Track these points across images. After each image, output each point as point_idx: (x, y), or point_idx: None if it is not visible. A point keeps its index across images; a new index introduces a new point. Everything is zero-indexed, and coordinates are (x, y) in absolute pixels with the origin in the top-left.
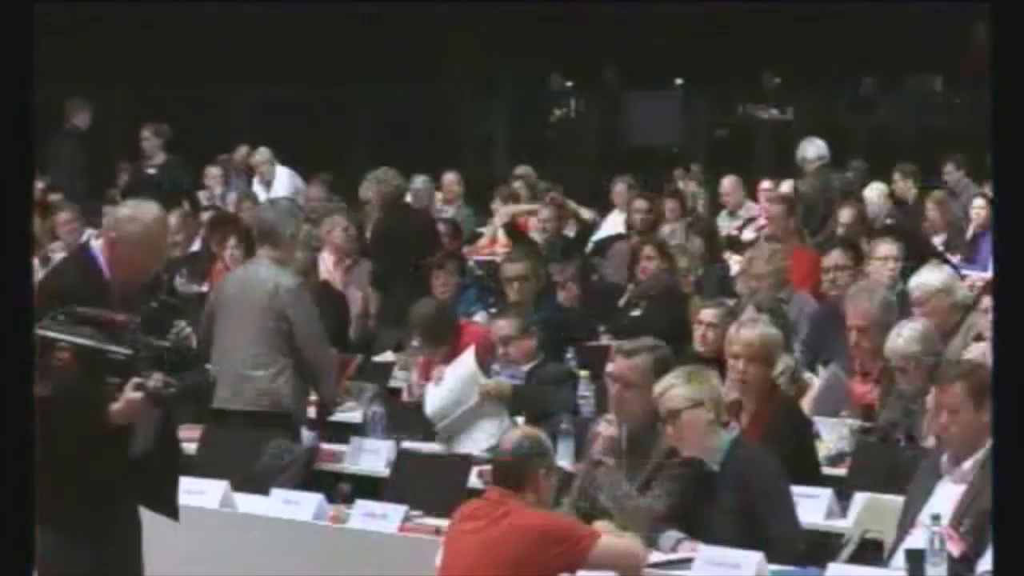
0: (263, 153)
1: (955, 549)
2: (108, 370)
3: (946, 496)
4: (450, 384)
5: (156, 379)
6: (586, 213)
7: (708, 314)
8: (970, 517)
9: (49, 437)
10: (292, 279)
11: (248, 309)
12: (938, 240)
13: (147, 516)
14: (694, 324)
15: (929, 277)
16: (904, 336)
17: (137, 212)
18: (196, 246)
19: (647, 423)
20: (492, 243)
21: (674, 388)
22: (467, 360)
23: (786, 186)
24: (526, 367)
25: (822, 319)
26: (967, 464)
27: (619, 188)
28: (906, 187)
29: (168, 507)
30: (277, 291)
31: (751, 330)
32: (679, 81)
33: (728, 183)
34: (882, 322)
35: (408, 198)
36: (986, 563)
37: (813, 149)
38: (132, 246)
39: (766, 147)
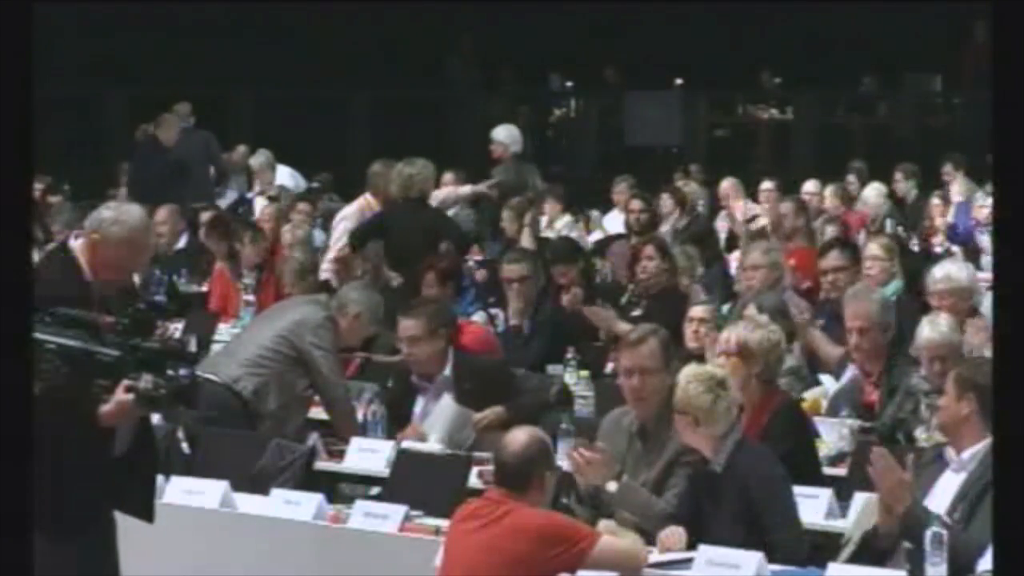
0: (261, 157)
1: None
2: (96, 372)
3: (948, 485)
4: (441, 435)
5: (146, 381)
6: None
7: (699, 311)
8: (964, 503)
9: (37, 439)
10: (323, 315)
11: (274, 322)
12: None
13: None
14: (685, 321)
15: (958, 273)
16: (942, 327)
17: (120, 214)
18: (182, 243)
19: (662, 411)
20: None
21: (700, 384)
22: (449, 404)
23: (811, 185)
24: (435, 391)
25: (820, 319)
26: (966, 454)
27: (620, 188)
28: (906, 187)
29: (143, 509)
30: (304, 321)
31: (748, 329)
32: (679, 81)
33: (727, 185)
34: (881, 323)
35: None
36: (986, 563)
37: (507, 136)
38: (115, 248)
39: (766, 147)
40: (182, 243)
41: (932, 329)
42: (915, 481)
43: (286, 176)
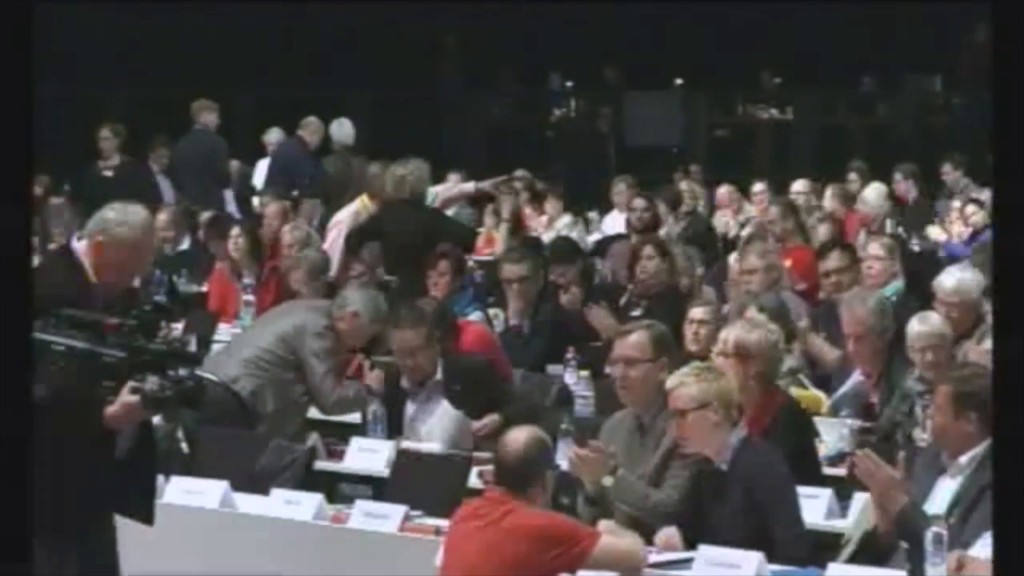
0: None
1: None
2: (103, 373)
3: (944, 491)
4: (440, 443)
5: (152, 382)
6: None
7: (699, 312)
8: (960, 507)
9: (44, 440)
10: (324, 323)
11: (276, 324)
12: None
13: None
14: (685, 323)
15: (969, 283)
16: (931, 322)
17: (125, 215)
18: (186, 244)
19: (652, 403)
20: (490, 242)
21: (682, 387)
22: (447, 410)
23: (799, 184)
24: (427, 394)
25: (820, 319)
26: (963, 459)
27: (619, 188)
28: (906, 187)
29: (143, 513)
30: (305, 327)
31: (745, 330)
32: (679, 81)
33: (722, 193)
34: (877, 327)
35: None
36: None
37: (341, 131)
38: (120, 249)
39: (766, 147)
40: (185, 245)
41: (921, 323)
42: (910, 480)
43: None
